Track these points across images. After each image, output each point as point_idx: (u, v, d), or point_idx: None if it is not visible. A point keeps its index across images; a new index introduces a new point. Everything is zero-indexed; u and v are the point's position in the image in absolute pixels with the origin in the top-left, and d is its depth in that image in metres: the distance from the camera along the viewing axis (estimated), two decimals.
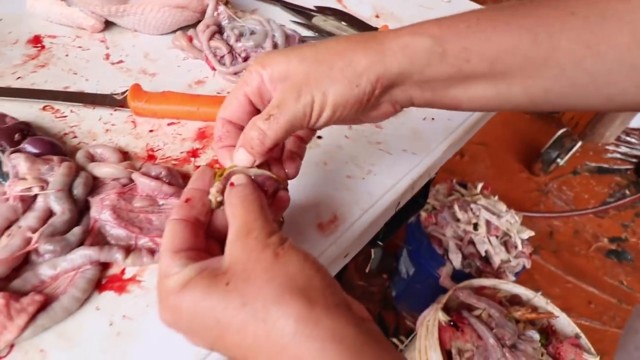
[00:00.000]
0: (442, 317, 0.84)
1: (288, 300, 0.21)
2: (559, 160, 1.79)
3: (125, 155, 0.42)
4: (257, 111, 0.30)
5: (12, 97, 0.46)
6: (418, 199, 0.55)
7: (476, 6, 0.78)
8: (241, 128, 0.29)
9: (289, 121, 0.27)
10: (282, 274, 0.22)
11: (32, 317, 0.27)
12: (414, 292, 1.27)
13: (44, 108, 0.46)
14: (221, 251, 0.25)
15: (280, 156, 0.32)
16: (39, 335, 0.28)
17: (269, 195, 0.29)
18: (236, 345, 0.22)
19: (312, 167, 0.43)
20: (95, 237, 0.33)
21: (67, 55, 0.54)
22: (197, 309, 0.22)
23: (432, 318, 0.87)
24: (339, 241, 0.38)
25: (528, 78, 0.28)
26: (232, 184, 0.27)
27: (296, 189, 0.40)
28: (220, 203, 0.27)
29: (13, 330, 0.26)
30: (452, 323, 0.84)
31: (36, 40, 0.55)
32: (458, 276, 1.08)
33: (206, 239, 0.27)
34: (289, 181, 0.32)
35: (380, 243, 0.51)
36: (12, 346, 0.28)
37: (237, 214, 0.25)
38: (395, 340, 1.23)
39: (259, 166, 0.28)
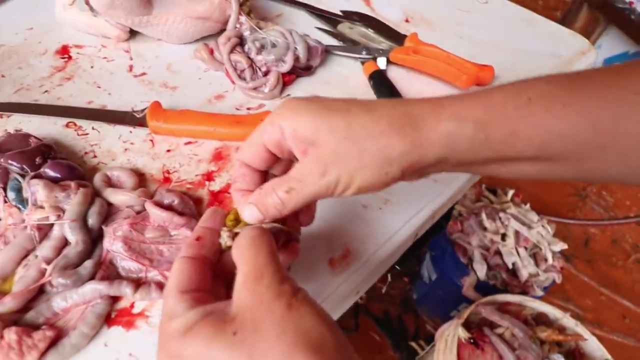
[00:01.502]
0: (462, 333, 0.82)
1: (300, 359, 0.20)
2: None
3: (141, 177, 0.42)
4: (276, 158, 0.29)
5: (38, 114, 0.47)
6: (440, 221, 0.52)
7: (513, 8, 0.73)
8: (258, 172, 0.29)
9: (311, 196, 0.26)
10: (295, 328, 0.21)
11: (43, 354, 0.28)
12: (435, 298, 1.24)
13: (67, 124, 0.47)
14: (226, 294, 0.24)
15: None
16: None
17: (279, 246, 0.29)
18: None
19: None
20: (107, 269, 0.33)
21: (92, 67, 0.55)
22: (200, 358, 0.21)
23: (451, 333, 0.85)
24: (350, 279, 0.36)
25: (581, 162, 0.25)
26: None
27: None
28: (230, 247, 0.27)
29: None
30: (472, 340, 0.81)
31: (64, 51, 0.56)
32: (482, 287, 1.04)
33: (213, 280, 0.26)
34: None
35: (397, 267, 0.50)
36: None
37: (245, 258, 0.24)
38: (414, 344, 1.22)
39: None
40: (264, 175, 0.30)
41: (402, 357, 1.21)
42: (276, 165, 0.30)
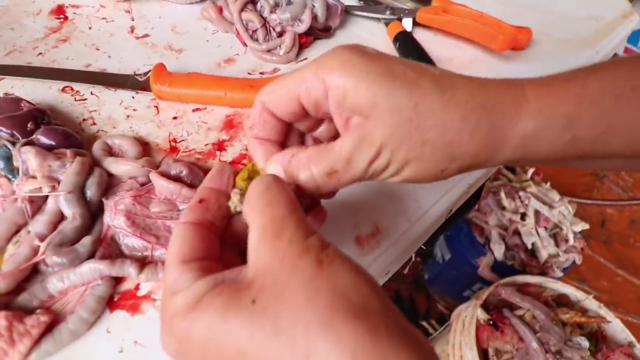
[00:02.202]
0: (482, 315, 0.79)
1: (340, 327, 0.15)
2: None
3: (145, 147, 0.38)
4: (306, 114, 0.24)
5: (31, 77, 0.42)
6: (469, 199, 0.48)
7: None
8: (281, 121, 0.24)
9: (352, 181, 0.22)
10: (329, 289, 0.16)
11: (36, 342, 0.25)
12: (448, 278, 1.21)
13: (63, 89, 0.42)
14: (242, 263, 0.20)
15: None
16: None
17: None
18: None
19: None
20: (108, 247, 0.30)
21: (90, 28, 0.50)
22: (213, 336, 0.17)
23: (469, 314, 0.82)
24: (380, 259, 0.33)
25: None
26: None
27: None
28: (241, 212, 0.23)
29: (15, 358, 0.24)
30: (491, 322, 0.78)
31: (59, 11, 0.51)
32: (499, 268, 1.01)
33: (222, 248, 0.22)
34: None
35: (423, 247, 0.46)
36: None
37: (260, 208, 0.19)
38: (425, 324, 1.20)
39: None
40: (288, 127, 0.25)
41: None
42: (303, 120, 0.25)
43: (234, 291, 0.17)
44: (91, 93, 0.42)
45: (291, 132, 0.26)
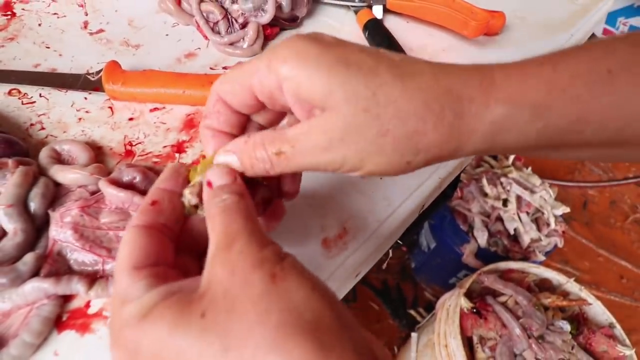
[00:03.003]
0: (465, 303, 0.79)
1: (291, 346, 0.15)
2: None
3: (98, 151, 0.36)
4: (263, 106, 0.22)
5: None
6: (446, 191, 0.47)
7: None
8: (237, 113, 0.23)
9: (304, 167, 0.21)
10: (282, 305, 0.16)
11: None
12: (434, 266, 1.22)
13: (9, 92, 0.40)
14: (199, 270, 0.19)
15: None
16: None
17: (259, 204, 0.23)
18: None
19: None
20: (55, 262, 0.28)
21: (40, 25, 0.47)
22: (161, 351, 0.16)
23: (453, 303, 0.82)
24: (348, 262, 0.31)
25: None
26: (209, 183, 0.21)
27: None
28: (196, 207, 0.22)
29: None
30: (474, 310, 0.78)
31: (6, 7, 0.48)
32: (483, 254, 1.01)
33: (177, 255, 0.21)
34: None
35: (399, 242, 0.45)
36: None
37: (215, 225, 0.19)
38: (413, 312, 1.20)
39: None
40: (245, 119, 0.24)
41: (402, 325, 1.20)
42: (262, 112, 0.24)
43: (185, 303, 0.17)
44: (40, 95, 0.40)
45: (250, 125, 0.25)
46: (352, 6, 0.51)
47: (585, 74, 0.20)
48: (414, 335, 0.93)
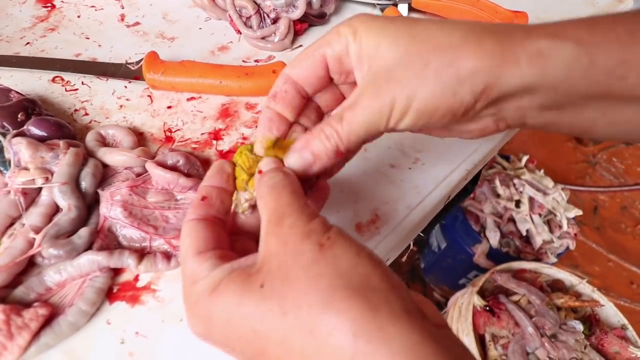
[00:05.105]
0: (478, 301, 0.80)
1: (341, 306, 0.16)
2: None
3: (140, 137, 0.37)
4: (330, 80, 0.25)
5: (20, 68, 0.41)
6: (467, 185, 0.48)
7: None
8: (303, 93, 0.25)
9: (364, 126, 0.22)
10: (331, 270, 0.17)
11: (35, 335, 0.24)
12: (444, 266, 1.22)
13: (53, 79, 0.41)
14: (257, 250, 0.21)
15: None
16: (43, 352, 0.25)
17: (305, 187, 0.25)
18: None
19: None
20: (105, 238, 0.29)
21: (79, 17, 0.48)
22: (230, 319, 0.18)
23: (466, 301, 0.82)
24: (380, 246, 0.32)
25: None
26: (260, 172, 0.23)
27: (329, 182, 0.35)
28: (254, 207, 0.24)
29: (14, 351, 0.24)
30: (487, 308, 0.79)
31: None
32: (494, 255, 1.02)
33: (237, 240, 0.23)
34: None
35: (421, 234, 0.46)
36: None
37: (264, 203, 0.21)
38: None
39: None
40: (304, 104, 0.26)
41: None
42: (323, 93, 0.26)
43: (246, 276, 0.19)
44: (82, 83, 0.41)
45: (307, 109, 0.26)
46: (378, 4, 0.53)
47: (624, 23, 0.21)
48: None
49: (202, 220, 0.22)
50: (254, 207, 0.24)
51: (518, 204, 1.03)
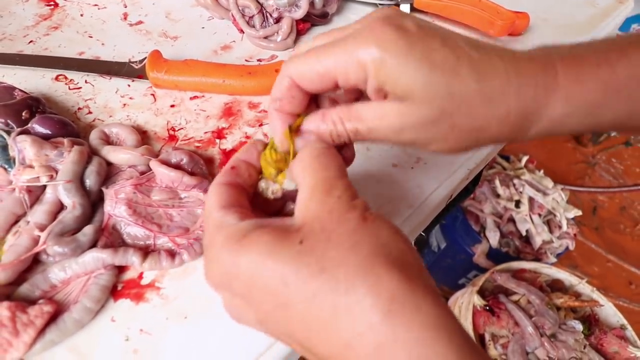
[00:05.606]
0: (478, 301, 0.80)
1: (380, 272, 0.17)
2: None
3: (143, 135, 0.37)
4: (337, 87, 0.23)
5: (23, 66, 0.41)
6: (468, 185, 0.48)
7: None
8: (308, 94, 0.24)
9: (374, 141, 0.23)
10: (373, 240, 0.18)
11: (41, 332, 0.24)
12: (444, 266, 1.22)
13: (56, 78, 0.41)
14: None
15: None
16: (48, 349, 0.25)
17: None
18: (300, 319, 0.18)
19: None
20: (110, 236, 0.29)
21: (81, 15, 0.49)
22: (259, 268, 0.18)
23: (466, 300, 0.83)
24: None
25: None
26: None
27: None
28: (280, 192, 0.25)
29: (19, 348, 0.24)
30: (487, 308, 0.79)
31: None
32: (494, 255, 1.02)
33: (253, 208, 0.23)
34: None
35: (422, 234, 0.46)
36: None
37: (312, 170, 0.21)
38: None
39: None
40: (312, 98, 0.25)
41: None
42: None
43: (282, 231, 0.19)
44: (85, 81, 0.41)
45: (321, 99, 0.26)
46: (380, 4, 0.53)
47: (639, 74, 0.21)
48: None
49: (228, 184, 0.22)
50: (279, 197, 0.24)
51: (518, 204, 1.03)
